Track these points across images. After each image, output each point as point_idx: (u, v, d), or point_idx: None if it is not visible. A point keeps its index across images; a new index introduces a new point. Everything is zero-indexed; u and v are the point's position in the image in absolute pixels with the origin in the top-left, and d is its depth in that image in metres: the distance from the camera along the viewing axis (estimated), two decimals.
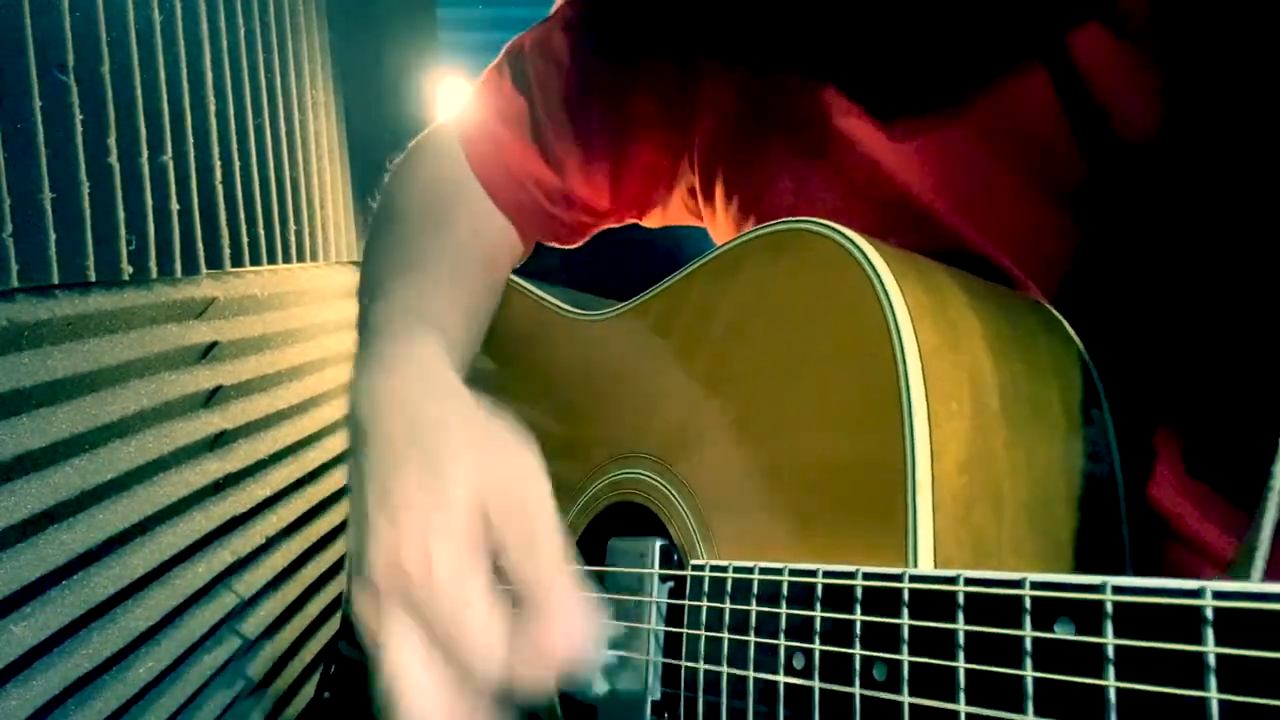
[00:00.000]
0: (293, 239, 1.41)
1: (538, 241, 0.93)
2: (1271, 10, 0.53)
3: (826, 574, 0.48)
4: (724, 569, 0.55)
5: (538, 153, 0.84)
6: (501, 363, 0.91)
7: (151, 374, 1.03)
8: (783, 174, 0.72)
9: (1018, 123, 0.62)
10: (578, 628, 0.50)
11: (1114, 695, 0.34)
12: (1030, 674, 0.37)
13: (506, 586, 0.52)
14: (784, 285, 0.58)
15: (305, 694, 1.31)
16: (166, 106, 1.06)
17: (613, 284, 0.86)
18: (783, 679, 0.49)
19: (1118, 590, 0.35)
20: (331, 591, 1.42)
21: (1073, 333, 0.59)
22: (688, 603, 0.58)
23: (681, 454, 0.65)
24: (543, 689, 0.50)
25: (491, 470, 0.53)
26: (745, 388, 0.60)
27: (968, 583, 0.40)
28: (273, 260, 1.34)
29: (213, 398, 1.14)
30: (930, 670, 0.41)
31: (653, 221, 0.92)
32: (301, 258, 1.44)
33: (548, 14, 0.86)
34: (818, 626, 0.48)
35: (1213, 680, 0.32)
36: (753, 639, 0.52)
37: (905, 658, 0.42)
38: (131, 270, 0.98)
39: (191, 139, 1.12)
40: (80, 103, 0.90)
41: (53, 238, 0.86)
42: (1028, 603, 0.38)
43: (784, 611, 0.50)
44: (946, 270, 0.57)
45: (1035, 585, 0.38)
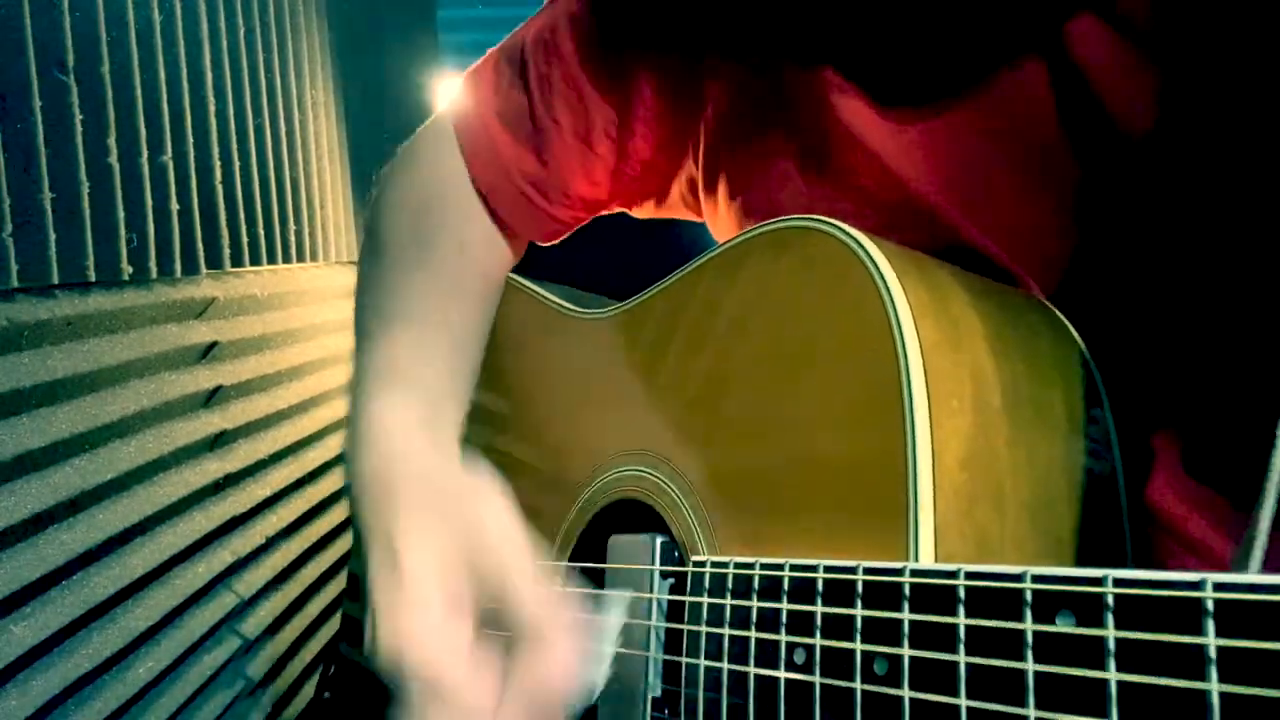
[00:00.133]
0: (293, 239, 1.41)
1: (531, 241, 0.93)
2: (1270, 9, 0.53)
3: (828, 569, 0.48)
4: (725, 565, 0.55)
5: (534, 152, 0.83)
6: (503, 362, 0.91)
7: (151, 374, 1.03)
8: (785, 170, 0.72)
9: (1016, 118, 0.62)
10: (567, 652, 0.53)
11: (1115, 687, 0.34)
12: (1031, 667, 0.37)
13: (500, 632, 0.55)
14: (786, 282, 0.58)
15: (305, 694, 1.31)
16: (166, 106, 1.06)
17: (614, 283, 0.86)
18: (783, 674, 0.49)
19: (1119, 583, 0.35)
20: (331, 591, 1.42)
21: (1074, 331, 0.59)
22: (688, 599, 0.58)
23: (682, 451, 0.65)
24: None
25: (451, 532, 0.56)
26: (747, 384, 0.60)
27: (968, 576, 0.40)
28: (273, 260, 1.34)
29: (213, 398, 1.14)
30: (931, 664, 0.41)
31: (643, 213, 0.92)
32: (301, 258, 1.44)
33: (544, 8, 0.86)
34: (818, 621, 0.48)
35: (1214, 671, 0.32)
36: (754, 634, 0.52)
37: (906, 652, 0.42)
38: (131, 270, 0.98)
39: (191, 139, 1.12)
40: (80, 103, 0.91)
41: (53, 238, 0.86)
42: (1029, 596, 0.38)
43: (785, 607, 0.50)
44: (949, 268, 0.57)
45: (1036, 579, 0.37)
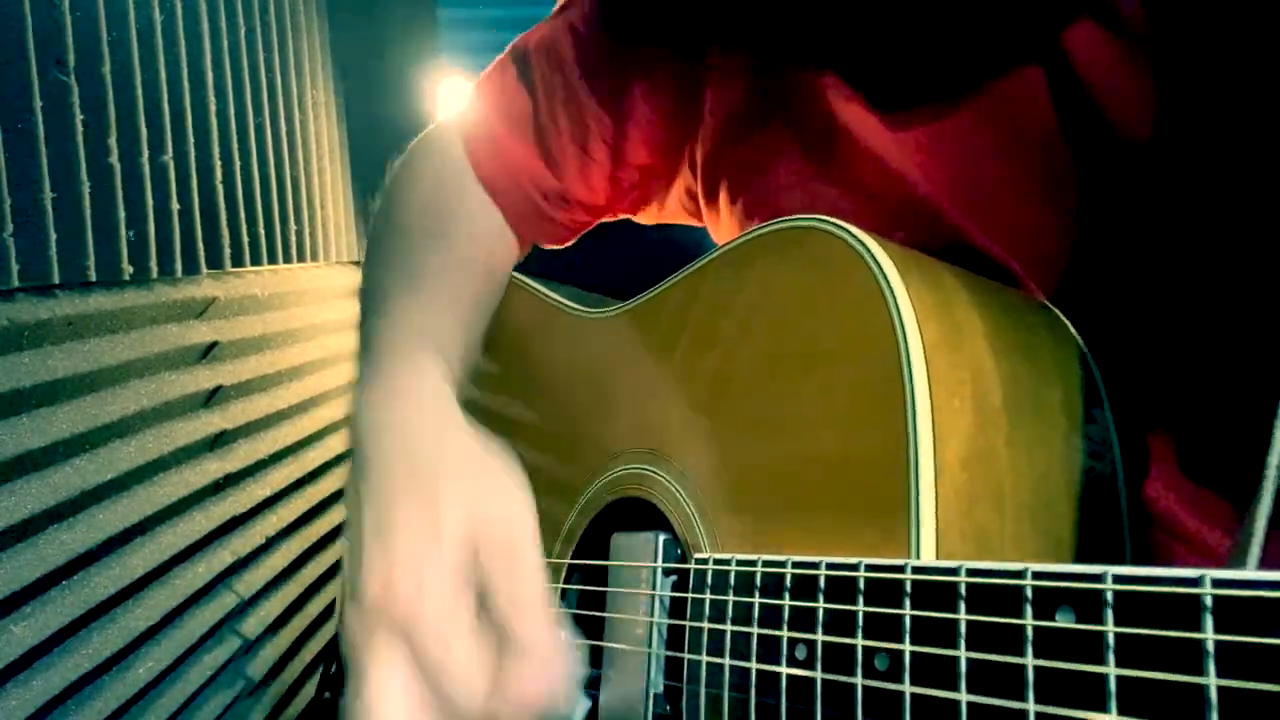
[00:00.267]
0: (293, 239, 1.41)
1: (540, 244, 0.93)
2: (1266, 12, 0.53)
3: (830, 565, 0.48)
4: (727, 562, 0.55)
5: (538, 154, 0.84)
6: (507, 360, 0.91)
7: (151, 374, 1.03)
8: (786, 173, 0.73)
9: (1016, 121, 0.62)
10: (555, 672, 0.52)
11: (1114, 682, 0.34)
12: (1031, 662, 0.37)
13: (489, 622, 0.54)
14: (789, 282, 0.59)
15: (305, 694, 1.31)
16: (167, 106, 1.06)
17: (618, 283, 0.87)
18: (785, 670, 0.49)
19: (1118, 579, 0.35)
20: (331, 591, 1.42)
21: (1074, 332, 0.59)
22: (690, 595, 0.58)
23: (685, 449, 0.65)
24: None
25: (484, 506, 0.56)
26: (750, 383, 0.60)
27: (969, 573, 0.40)
28: (273, 260, 1.34)
29: (213, 398, 1.14)
30: (932, 660, 0.41)
31: (647, 218, 0.93)
32: (301, 258, 1.45)
33: (551, 12, 0.87)
34: (820, 618, 0.48)
35: (1212, 666, 0.32)
36: (755, 631, 0.52)
37: (907, 647, 0.42)
38: (132, 270, 0.98)
39: (192, 139, 1.12)
40: (80, 103, 0.91)
41: (53, 237, 0.86)
42: (1029, 592, 0.38)
43: (787, 603, 0.50)
44: (950, 269, 0.57)
45: (1037, 575, 0.38)
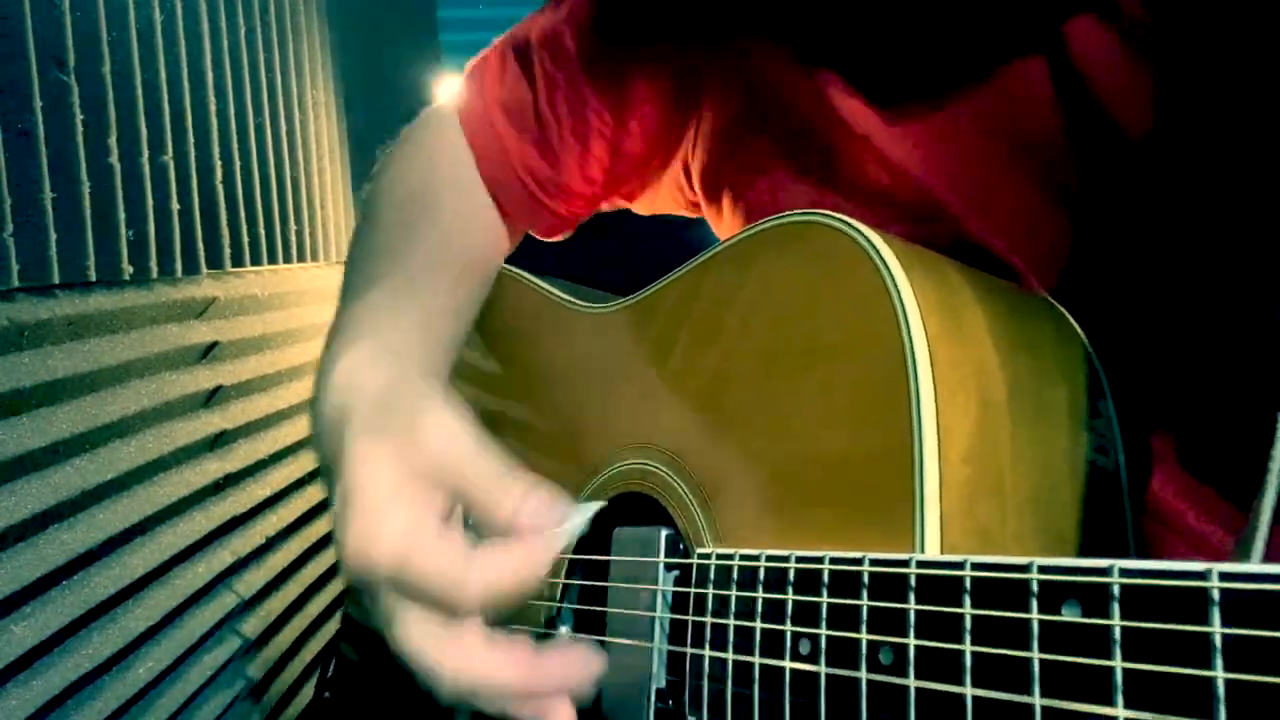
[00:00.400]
0: (293, 239, 1.41)
1: (535, 235, 0.93)
2: (1268, 9, 0.54)
3: (834, 560, 0.48)
4: (730, 556, 0.56)
5: (535, 145, 0.84)
6: (508, 356, 0.91)
7: (151, 374, 1.02)
8: (788, 168, 0.73)
9: (1017, 117, 0.62)
10: (538, 505, 0.53)
11: (1121, 675, 0.34)
12: (1037, 656, 0.37)
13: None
14: (793, 277, 0.59)
15: (305, 694, 1.31)
16: (166, 106, 1.06)
17: (620, 279, 0.87)
18: (789, 664, 0.49)
19: (1125, 573, 0.35)
20: (331, 591, 1.42)
21: (1078, 327, 0.59)
22: (693, 590, 0.58)
23: (688, 444, 0.65)
24: (529, 580, 0.52)
25: (403, 448, 0.56)
26: (753, 378, 0.60)
27: (974, 567, 0.40)
28: (273, 260, 1.34)
29: (213, 398, 1.14)
30: (937, 654, 0.41)
31: (641, 208, 0.94)
32: (301, 258, 1.44)
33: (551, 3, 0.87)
34: (824, 612, 0.48)
35: (1219, 660, 0.32)
36: (759, 625, 0.52)
37: (912, 641, 0.42)
38: (132, 270, 0.98)
39: (192, 139, 1.12)
40: (80, 103, 0.91)
41: (53, 237, 0.86)
42: (1035, 586, 0.38)
43: (790, 598, 0.50)
44: (954, 264, 0.57)
45: (1042, 569, 0.38)
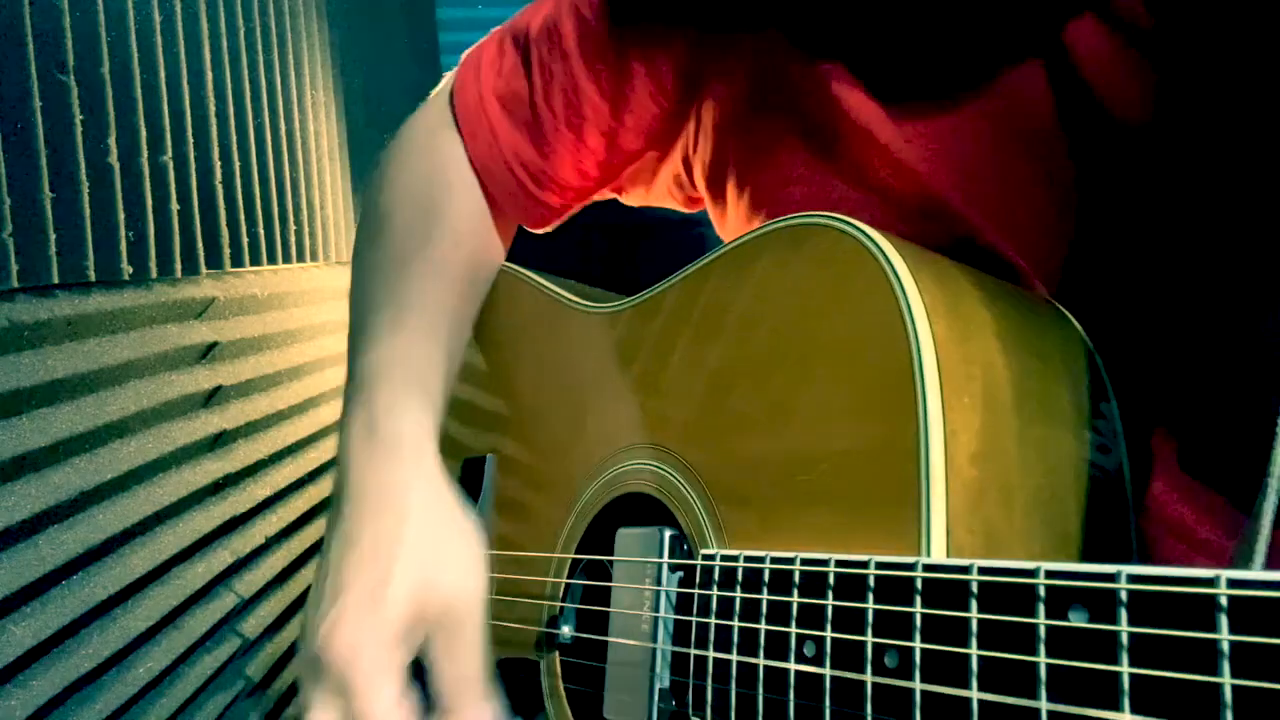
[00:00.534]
0: (293, 239, 1.41)
1: (525, 227, 0.94)
2: (1265, 8, 0.54)
3: (839, 563, 0.48)
4: (734, 558, 0.56)
5: (529, 137, 0.85)
6: (510, 355, 0.91)
7: (151, 374, 1.02)
8: (792, 164, 0.73)
9: (1017, 115, 0.63)
10: None
11: (1128, 681, 0.34)
12: (1044, 660, 0.37)
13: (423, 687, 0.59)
14: (799, 278, 0.59)
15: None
16: (166, 106, 1.06)
17: (626, 277, 0.87)
18: (793, 666, 0.49)
19: (1132, 579, 0.35)
20: None
21: (1080, 329, 0.59)
22: (697, 591, 0.58)
23: (692, 445, 0.65)
24: None
25: (435, 576, 0.59)
26: (758, 379, 0.60)
27: (981, 571, 0.40)
28: (272, 260, 1.33)
29: (213, 398, 1.14)
30: (943, 657, 0.41)
31: (634, 200, 0.94)
32: (301, 258, 1.44)
33: None
34: (829, 615, 0.48)
35: (1226, 666, 0.32)
36: (763, 627, 0.52)
37: (918, 645, 0.42)
38: (131, 270, 0.98)
39: (191, 139, 1.12)
40: (80, 103, 0.90)
41: (53, 238, 0.86)
42: (1042, 591, 0.38)
43: (795, 600, 0.50)
44: (959, 266, 0.58)
45: (1049, 574, 0.38)
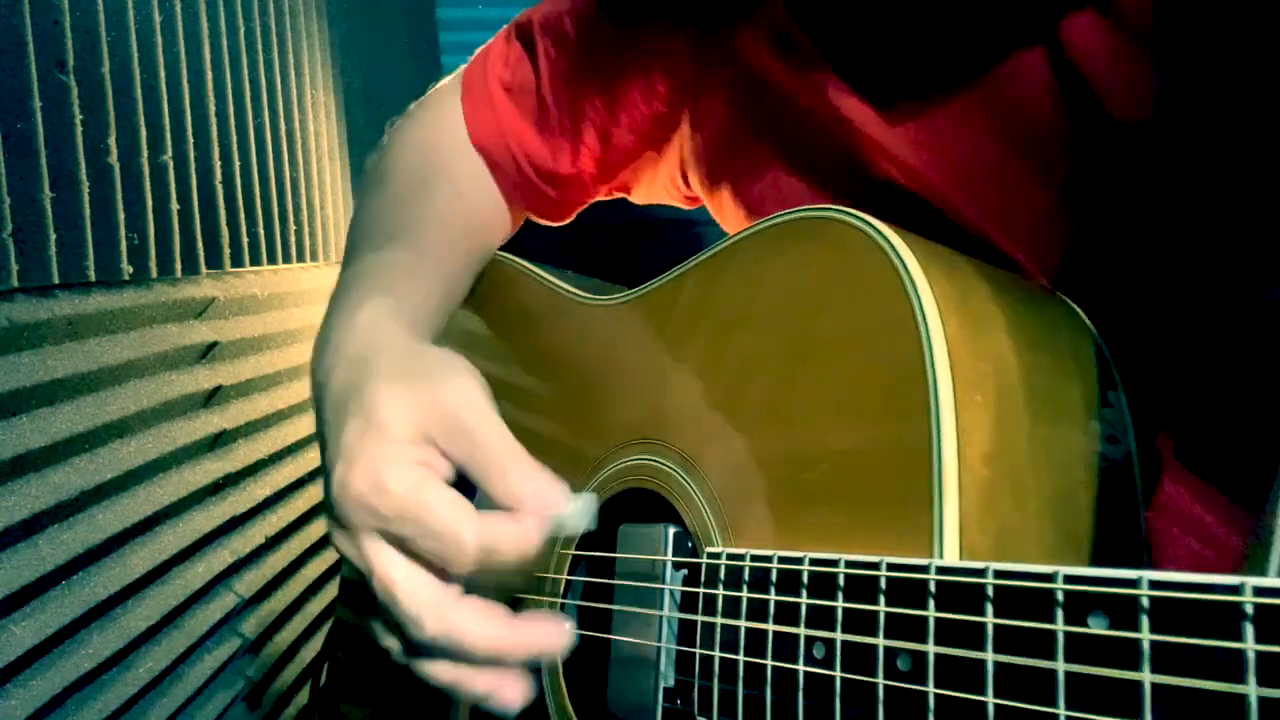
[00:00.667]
0: (293, 239, 1.41)
1: (530, 219, 0.94)
2: (1265, 4, 0.54)
3: (849, 564, 0.47)
4: (741, 557, 0.55)
5: (535, 127, 0.85)
6: (510, 348, 0.91)
7: (151, 374, 1.02)
8: (786, 161, 0.73)
9: (1016, 111, 0.63)
10: (543, 485, 0.55)
11: (1150, 689, 0.34)
12: (1062, 667, 0.37)
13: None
14: (807, 273, 0.58)
15: (305, 694, 1.31)
16: (166, 106, 1.06)
17: (626, 276, 0.87)
18: (802, 668, 0.49)
19: (1154, 585, 0.35)
20: (331, 591, 1.41)
21: (1089, 323, 0.59)
22: (703, 590, 0.58)
23: (697, 440, 0.65)
24: (526, 553, 0.54)
25: (425, 401, 0.58)
26: (766, 375, 0.60)
27: (998, 575, 0.40)
28: (273, 260, 1.33)
29: (213, 398, 1.13)
30: (957, 662, 0.41)
31: (638, 198, 0.95)
32: (301, 258, 1.44)
33: None
34: (839, 616, 0.47)
35: (1252, 677, 0.32)
36: (771, 628, 0.51)
37: (931, 649, 0.42)
38: (131, 270, 0.98)
39: (191, 139, 1.11)
40: (80, 103, 0.90)
41: (53, 238, 0.86)
42: (1060, 596, 0.37)
43: (804, 601, 0.50)
44: (968, 260, 0.57)
45: (1069, 579, 0.37)
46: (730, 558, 0.56)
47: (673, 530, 0.65)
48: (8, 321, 0.81)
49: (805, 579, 0.50)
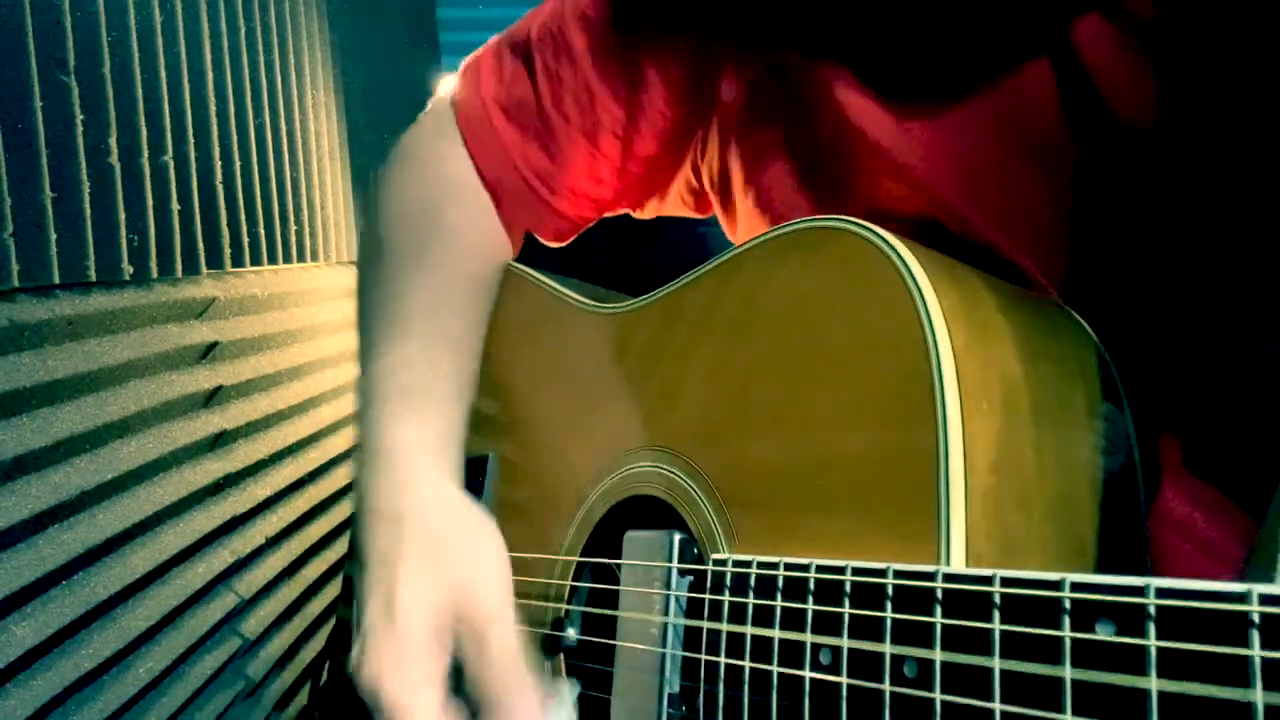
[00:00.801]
0: (293, 239, 1.41)
1: (539, 238, 0.93)
2: (1270, 8, 0.54)
3: (856, 571, 0.47)
4: (747, 563, 0.55)
5: (538, 143, 0.83)
6: (516, 356, 0.90)
7: (151, 374, 1.02)
8: (794, 166, 0.73)
9: (1022, 115, 0.62)
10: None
11: (1156, 697, 0.34)
12: (1069, 674, 0.37)
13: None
14: (815, 282, 0.58)
15: (305, 694, 1.31)
16: (166, 106, 1.06)
17: (628, 278, 0.86)
18: (809, 674, 0.49)
19: (1161, 593, 0.35)
20: (331, 592, 1.41)
21: (1091, 332, 0.59)
22: (709, 596, 0.58)
23: (703, 448, 0.65)
24: None
25: (446, 570, 0.64)
26: (772, 383, 0.60)
27: (1005, 582, 0.40)
28: (273, 260, 1.33)
29: (213, 398, 1.13)
30: (964, 669, 0.41)
31: (648, 213, 0.92)
32: (301, 258, 1.44)
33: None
34: (846, 622, 0.47)
35: (1259, 684, 0.32)
36: (777, 634, 0.51)
37: (938, 655, 0.42)
38: (132, 270, 0.98)
39: (192, 139, 1.11)
40: (80, 103, 0.90)
41: (53, 238, 0.86)
42: (1067, 603, 0.37)
43: (810, 607, 0.50)
44: (974, 271, 0.57)
45: (1075, 586, 0.37)
46: (736, 564, 0.56)
47: (678, 537, 0.65)
48: (8, 321, 0.81)
49: (811, 585, 0.50)
